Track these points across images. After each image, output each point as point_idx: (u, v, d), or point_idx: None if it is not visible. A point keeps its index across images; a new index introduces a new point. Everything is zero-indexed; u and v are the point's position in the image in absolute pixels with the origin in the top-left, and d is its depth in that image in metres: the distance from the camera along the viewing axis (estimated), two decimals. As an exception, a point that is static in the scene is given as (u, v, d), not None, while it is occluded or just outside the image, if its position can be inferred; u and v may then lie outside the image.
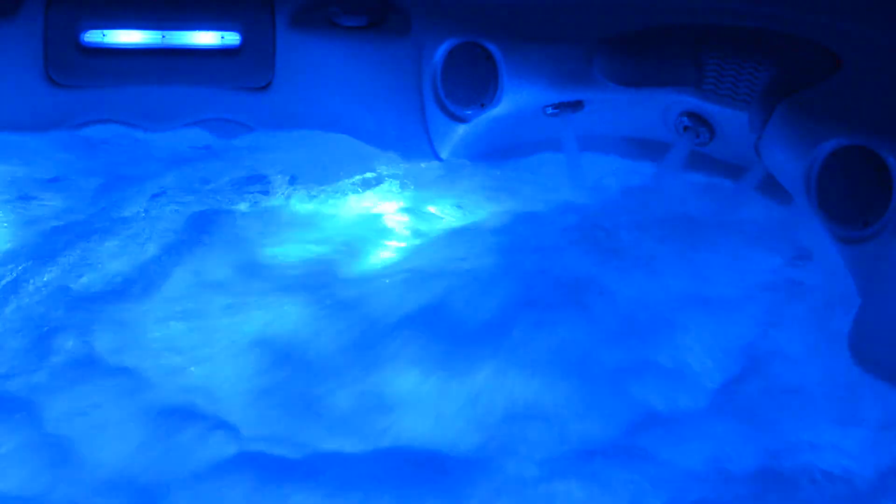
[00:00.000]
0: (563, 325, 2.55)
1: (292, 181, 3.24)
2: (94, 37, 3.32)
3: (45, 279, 2.71)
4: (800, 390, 2.35)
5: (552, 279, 2.70)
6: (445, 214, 3.12)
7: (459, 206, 3.15)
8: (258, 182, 3.22)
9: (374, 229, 3.04)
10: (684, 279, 2.74)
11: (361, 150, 3.36)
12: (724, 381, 2.41)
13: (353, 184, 3.23)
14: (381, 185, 3.24)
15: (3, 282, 2.68)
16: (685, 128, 3.11)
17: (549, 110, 3.17)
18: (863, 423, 2.24)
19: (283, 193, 3.19)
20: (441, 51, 3.22)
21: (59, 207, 3.06)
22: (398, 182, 3.25)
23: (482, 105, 3.17)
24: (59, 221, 2.98)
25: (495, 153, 3.34)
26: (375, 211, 3.13)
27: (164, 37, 3.32)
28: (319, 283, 2.79)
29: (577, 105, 3.16)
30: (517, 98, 3.12)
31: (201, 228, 2.98)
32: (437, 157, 3.33)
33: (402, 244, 2.97)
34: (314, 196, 3.18)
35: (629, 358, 2.48)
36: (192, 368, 2.43)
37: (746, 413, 2.30)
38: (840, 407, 2.29)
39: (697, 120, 3.09)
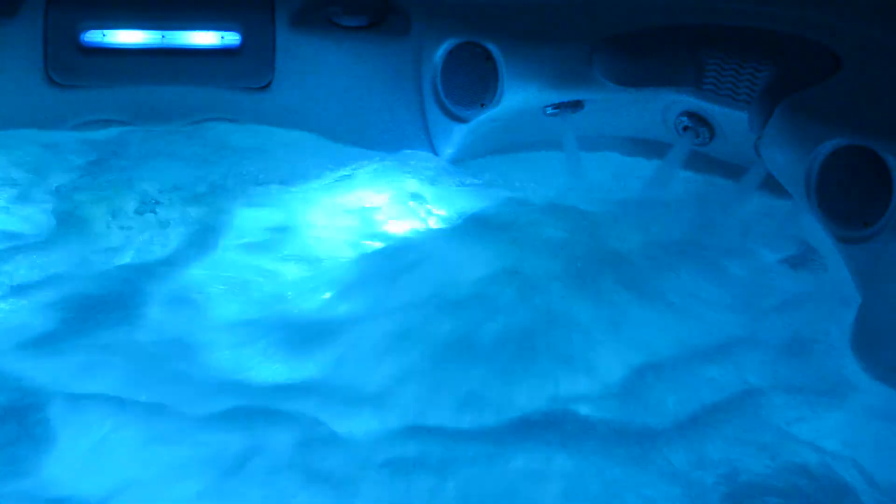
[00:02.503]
0: (563, 324, 2.56)
1: (292, 181, 3.24)
2: (94, 37, 3.32)
3: (39, 273, 2.73)
4: (800, 388, 2.35)
5: (552, 278, 2.70)
6: (445, 214, 3.12)
7: (459, 206, 3.15)
8: (258, 181, 3.22)
9: (374, 229, 3.04)
10: (684, 278, 2.75)
11: (361, 149, 3.36)
12: (726, 379, 2.41)
13: (353, 183, 3.23)
14: (381, 184, 3.24)
15: (3, 276, 2.71)
16: (685, 128, 3.11)
17: (549, 110, 3.17)
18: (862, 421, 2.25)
19: (282, 193, 3.19)
20: (441, 51, 3.22)
21: (58, 207, 3.06)
22: (398, 182, 3.25)
23: (482, 105, 3.17)
24: (58, 221, 2.98)
25: (495, 153, 3.35)
26: (375, 211, 3.13)
27: (164, 37, 3.32)
28: (319, 283, 2.80)
29: (577, 105, 3.16)
30: (517, 98, 3.12)
31: (201, 228, 2.99)
32: (438, 157, 3.33)
33: (402, 244, 2.97)
34: (314, 195, 3.19)
35: (630, 356, 2.48)
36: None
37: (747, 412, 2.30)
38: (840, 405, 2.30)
39: (697, 120, 3.09)
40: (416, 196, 3.18)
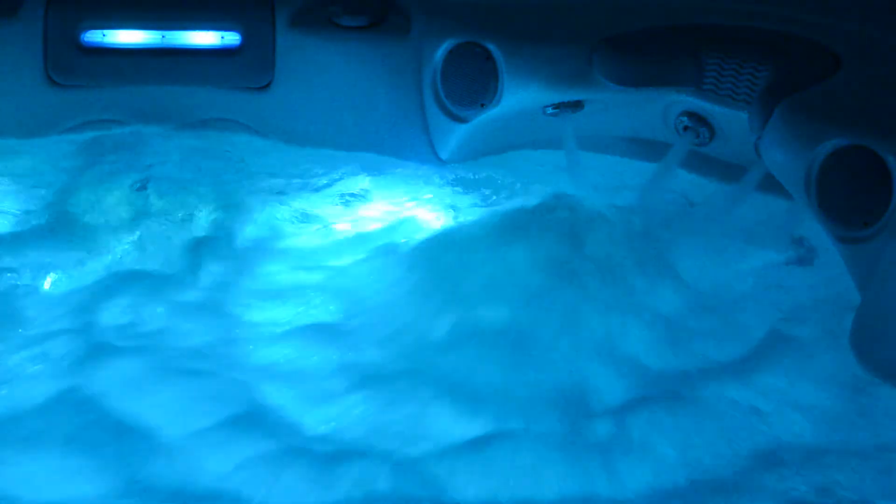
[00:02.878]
0: (561, 325, 2.56)
1: (291, 180, 3.24)
2: (94, 37, 3.31)
3: (37, 275, 2.73)
4: (800, 388, 2.35)
5: (549, 278, 2.70)
6: (445, 214, 3.12)
7: (459, 206, 3.16)
8: (257, 181, 3.22)
9: (373, 229, 3.05)
10: (684, 278, 2.75)
11: (361, 150, 3.36)
12: (725, 381, 2.41)
13: (353, 184, 3.24)
14: (381, 185, 3.24)
15: (4, 274, 2.72)
16: (685, 128, 3.11)
17: (549, 110, 3.17)
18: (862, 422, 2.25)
19: (282, 193, 3.20)
20: (441, 51, 3.21)
21: (58, 207, 3.06)
22: (398, 182, 3.25)
23: (482, 105, 3.16)
24: (57, 221, 2.98)
25: (495, 153, 3.34)
26: (374, 211, 3.13)
27: (164, 37, 3.32)
28: (316, 283, 2.80)
29: (577, 105, 3.16)
30: (517, 98, 3.12)
31: (201, 228, 2.99)
32: (438, 158, 3.33)
33: (401, 244, 2.97)
34: (314, 195, 3.19)
35: (629, 357, 2.48)
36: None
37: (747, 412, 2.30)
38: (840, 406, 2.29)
39: (697, 120, 3.09)
40: (414, 196, 3.19)
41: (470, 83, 3.17)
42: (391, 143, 3.35)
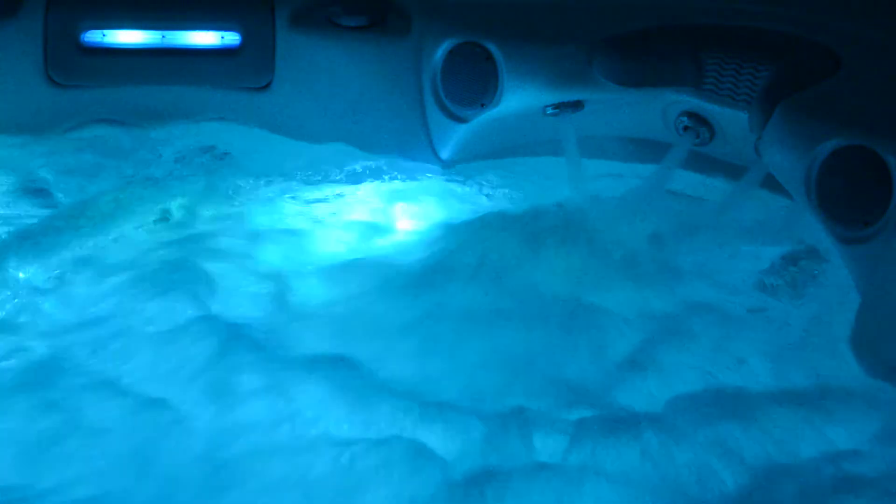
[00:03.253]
0: (559, 325, 2.56)
1: (292, 181, 3.24)
2: (94, 37, 3.32)
3: (38, 278, 2.73)
4: (799, 390, 2.35)
5: (550, 278, 2.70)
6: (445, 215, 3.12)
7: (459, 207, 3.15)
8: (258, 181, 3.22)
9: (373, 229, 3.05)
10: (684, 279, 2.75)
11: (361, 150, 3.36)
12: (723, 381, 2.41)
13: (353, 184, 3.24)
14: (381, 185, 3.24)
15: (4, 276, 2.71)
16: (685, 128, 3.11)
17: (549, 110, 3.17)
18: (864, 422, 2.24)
19: (282, 193, 3.19)
20: (441, 51, 3.22)
21: (58, 208, 3.06)
22: (398, 182, 3.25)
23: (482, 105, 3.16)
24: (58, 221, 2.98)
25: (495, 153, 3.35)
26: (374, 211, 3.13)
27: (163, 37, 3.33)
28: (316, 284, 2.80)
29: (577, 105, 3.16)
30: (517, 98, 3.12)
31: (199, 228, 2.99)
32: (438, 158, 3.33)
33: (401, 244, 2.97)
34: (314, 196, 3.19)
35: (627, 356, 2.48)
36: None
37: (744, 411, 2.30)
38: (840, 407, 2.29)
39: (697, 120, 3.09)
40: (415, 196, 3.18)
41: (470, 83, 3.17)
42: (391, 144, 3.35)
